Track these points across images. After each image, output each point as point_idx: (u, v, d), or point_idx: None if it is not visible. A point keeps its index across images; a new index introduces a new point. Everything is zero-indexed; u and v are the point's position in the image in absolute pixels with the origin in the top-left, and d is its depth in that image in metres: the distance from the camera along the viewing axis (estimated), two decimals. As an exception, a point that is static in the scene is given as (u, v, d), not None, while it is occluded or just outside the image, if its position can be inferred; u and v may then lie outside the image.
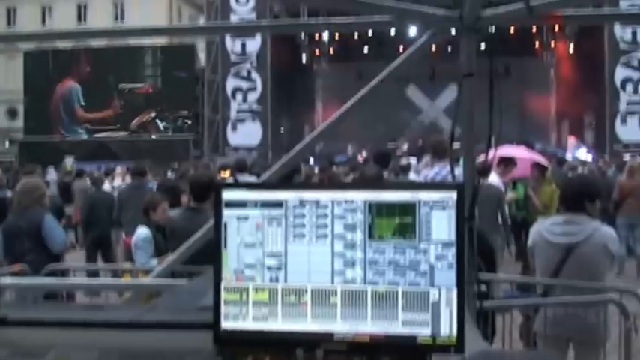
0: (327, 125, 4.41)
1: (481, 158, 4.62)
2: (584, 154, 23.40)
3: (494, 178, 9.28)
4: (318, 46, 32.77)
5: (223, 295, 1.98)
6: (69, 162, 21.47)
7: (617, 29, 24.26)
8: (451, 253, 1.89)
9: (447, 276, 1.89)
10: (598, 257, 5.02)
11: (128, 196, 10.19)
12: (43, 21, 47.84)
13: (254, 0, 27.04)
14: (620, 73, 24.70)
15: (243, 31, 25.12)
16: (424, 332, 1.90)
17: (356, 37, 31.98)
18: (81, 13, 47.91)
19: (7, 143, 42.22)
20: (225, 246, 1.97)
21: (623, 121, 24.58)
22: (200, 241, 4.37)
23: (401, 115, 33.61)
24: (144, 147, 26.27)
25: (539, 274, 5.22)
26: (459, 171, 3.65)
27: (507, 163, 9.59)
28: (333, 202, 1.92)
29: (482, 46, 4.48)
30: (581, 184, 5.39)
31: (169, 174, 16.40)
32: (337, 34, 32.37)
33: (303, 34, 31.58)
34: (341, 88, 33.50)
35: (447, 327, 1.90)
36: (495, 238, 8.38)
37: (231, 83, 27.72)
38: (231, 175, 9.89)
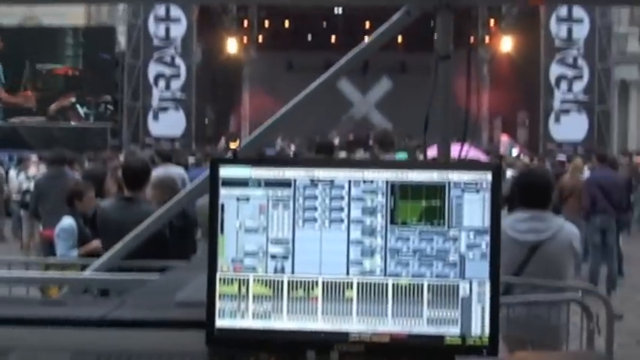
0: (285, 114, 4.17)
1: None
2: (516, 153, 23.99)
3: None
4: (246, 34, 32.47)
5: (218, 287, 1.77)
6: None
7: (554, 26, 24.89)
8: (485, 242, 1.76)
9: (479, 267, 1.76)
10: (564, 256, 4.99)
11: (47, 186, 9.76)
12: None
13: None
14: (555, 70, 25.16)
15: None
16: (452, 332, 1.76)
17: (287, 24, 31.84)
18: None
19: None
20: (222, 231, 1.77)
21: (557, 119, 25.10)
22: (141, 236, 4.09)
23: (330, 108, 33.74)
24: (57, 135, 25.37)
25: (502, 272, 5.17)
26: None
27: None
28: (349, 182, 1.77)
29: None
30: (545, 178, 5.34)
31: (86, 164, 15.86)
32: (267, 21, 32.19)
33: (231, 19, 31.26)
34: (270, 79, 33.39)
35: (479, 326, 1.76)
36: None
37: (153, 69, 27.11)
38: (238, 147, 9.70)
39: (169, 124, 27.03)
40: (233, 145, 9.64)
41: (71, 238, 6.67)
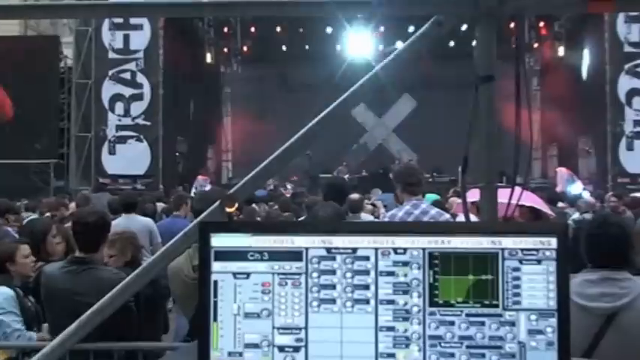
0: (285, 152, 4.18)
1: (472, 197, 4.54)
2: (579, 190, 23.82)
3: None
4: (227, 43, 32.76)
5: (212, 390, 1.80)
6: None
7: (621, 26, 24.51)
8: (551, 327, 1.79)
9: (544, 359, 1.79)
10: (648, 327, 4.98)
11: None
12: None
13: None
14: (625, 83, 24.58)
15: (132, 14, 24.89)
16: None
17: (279, 30, 32.12)
18: None
19: None
20: (215, 317, 1.81)
21: (630, 146, 24.57)
22: (100, 313, 4.09)
23: (336, 134, 33.90)
24: (-19, 176, 25.45)
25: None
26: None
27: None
28: (376, 252, 1.81)
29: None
30: (620, 228, 5.35)
31: (24, 214, 15.90)
32: (254, 27, 32.46)
33: (207, 24, 31.53)
34: (258, 98, 33.64)
35: None
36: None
37: (109, 89, 27.26)
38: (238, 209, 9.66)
39: (130, 159, 27.09)
40: (229, 209, 9.63)
41: (14, 308, 6.60)
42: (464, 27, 26.24)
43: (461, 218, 9.98)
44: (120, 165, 27.08)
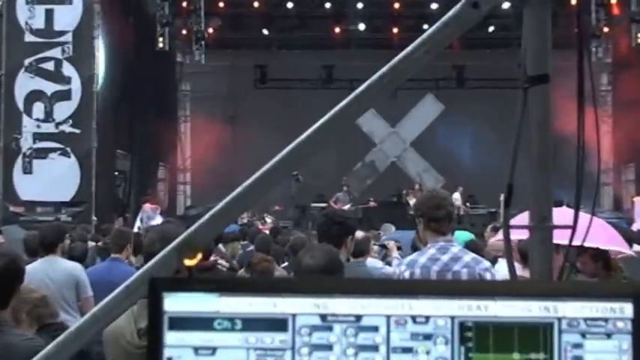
0: (267, 174, 4.16)
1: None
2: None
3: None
4: (186, 23, 32.82)
5: None
6: None
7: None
8: None
9: None
10: None
11: None
12: None
13: None
14: None
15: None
16: None
17: (256, 4, 32.17)
18: None
19: None
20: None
21: None
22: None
23: (333, 148, 33.86)
24: None
25: None
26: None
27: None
28: (388, 320, 1.83)
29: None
30: None
31: None
32: (223, 2, 32.47)
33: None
34: (228, 98, 33.69)
35: None
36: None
37: (24, 85, 27.33)
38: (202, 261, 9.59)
39: (52, 180, 27.08)
40: (189, 263, 9.62)
41: None
42: (506, 4, 26.33)
43: (502, 266, 9.97)
44: (38, 188, 27.05)
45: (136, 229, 21.00)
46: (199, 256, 2.13)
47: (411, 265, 7.84)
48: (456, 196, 30.88)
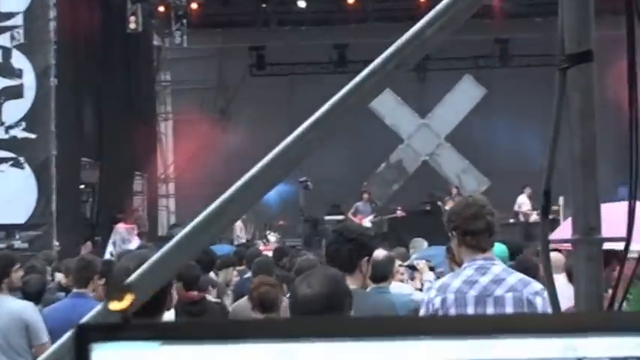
0: (258, 174, 4.07)
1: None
2: None
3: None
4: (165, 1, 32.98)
5: None
6: None
7: None
8: None
9: None
10: None
11: None
12: None
13: None
14: None
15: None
16: None
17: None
18: None
19: None
20: None
21: None
22: None
23: (350, 149, 33.99)
24: None
25: None
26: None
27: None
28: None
29: None
30: None
31: None
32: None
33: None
34: (218, 88, 33.84)
35: None
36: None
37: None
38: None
39: (2, 196, 27.27)
40: (117, 306, 9.61)
41: None
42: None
43: (559, 283, 9.92)
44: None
45: (108, 256, 21.13)
46: (129, 296, 2.02)
47: (443, 290, 7.83)
48: (523, 199, 31.05)
